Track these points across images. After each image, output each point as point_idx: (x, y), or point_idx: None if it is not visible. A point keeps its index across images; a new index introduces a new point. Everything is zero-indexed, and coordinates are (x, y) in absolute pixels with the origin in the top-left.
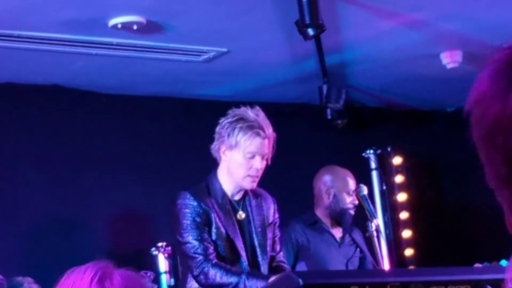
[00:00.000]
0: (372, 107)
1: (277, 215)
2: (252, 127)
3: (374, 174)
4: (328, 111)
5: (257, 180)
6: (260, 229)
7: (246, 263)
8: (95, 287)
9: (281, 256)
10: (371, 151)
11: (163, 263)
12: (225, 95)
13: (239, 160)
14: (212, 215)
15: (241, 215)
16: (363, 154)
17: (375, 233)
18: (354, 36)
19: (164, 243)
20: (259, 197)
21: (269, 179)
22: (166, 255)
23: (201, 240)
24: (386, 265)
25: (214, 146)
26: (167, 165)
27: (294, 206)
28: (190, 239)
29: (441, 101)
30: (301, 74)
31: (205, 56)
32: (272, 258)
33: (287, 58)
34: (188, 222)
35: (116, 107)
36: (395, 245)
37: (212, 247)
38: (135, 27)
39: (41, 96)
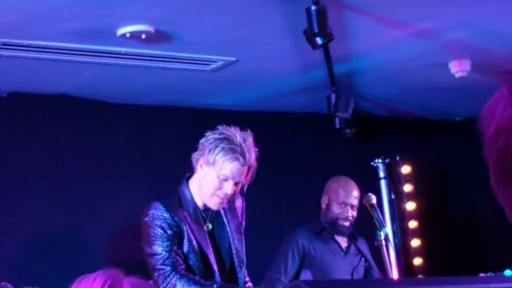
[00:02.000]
0: (381, 116)
1: (244, 215)
2: (234, 151)
3: (383, 183)
4: (337, 120)
5: (225, 202)
6: (237, 236)
7: (219, 277)
8: None
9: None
10: (380, 160)
11: None
12: (233, 104)
13: (212, 178)
14: (184, 227)
15: (208, 226)
16: (372, 163)
17: (383, 242)
18: (362, 45)
19: None
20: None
21: (278, 188)
22: None
23: (170, 251)
24: (394, 274)
25: (194, 156)
26: (175, 175)
27: (302, 215)
28: (160, 250)
29: (450, 110)
30: (310, 83)
31: (214, 65)
32: None
33: (295, 67)
34: (159, 233)
35: (124, 116)
36: (404, 254)
37: (181, 259)
38: (143, 36)
39: (49, 106)
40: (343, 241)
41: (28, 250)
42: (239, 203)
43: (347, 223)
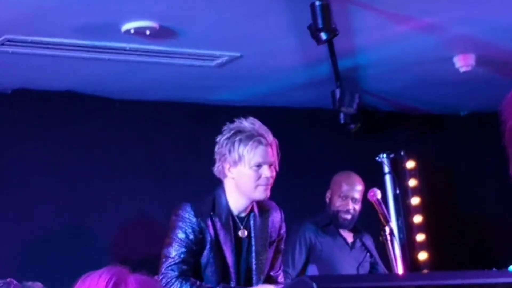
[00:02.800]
0: (385, 111)
1: (283, 230)
2: (252, 137)
3: (388, 178)
4: (341, 115)
5: (269, 188)
6: (260, 249)
7: (235, 284)
8: None
9: (280, 276)
10: (385, 155)
11: None
12: (238, 100)
13: (247, 173)
14: (208, 235)
15: (244, 232)
16: (377, 158)
17: (389, 237)
18: (367, 40)
19: None
20: (265, 213)
21: (283, 184)
22: None
23: (182, 259)
24: (400, 269)
25: (217, 168)
26: (180, 171)
27: (307, 211)
28: (173, 254)
29: (454, 105)
30: (314, 78)
31: (218, 61)
32: (269, 277)
33: (300, 62)
34: (180, 237)
35: (129, 112)
36: (409, 249)
37: (190, 269)
38: (148, 32)
39: (54, 102)
40: (349, 236)
41: (34, 247)
42: (277, 217)
43: (348, 216)
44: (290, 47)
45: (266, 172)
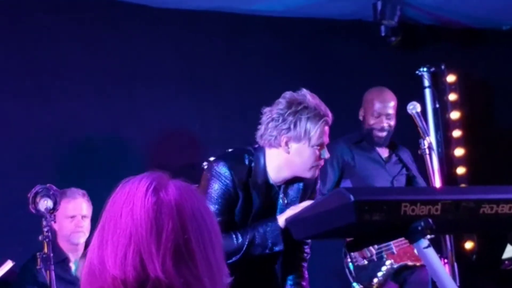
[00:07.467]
0: (427, 25)
1: (317, 186)
2: (320, 116)
3: (427, 92)
4: (382, 28)
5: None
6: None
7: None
8: (150, 197)
9: (307, 247)
10: (425, 69)
11: None
12: (277, 10)
13: (307, 151)
14: (241, 196)
15: (284, 199)
16: (417, 72)
17: (427, 151)
18: None
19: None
20: (301, 181)
21: (321, 97)
22: None
23: (217, 215)
24: (437, 183)
25: (268, 136)
26: (216, 80)
27: (346, 124)
28: None
29: (497, 19)
30: None
31: None
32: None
33: None
34: (213, 194)
35: (166, 20)
36: (447, 163)
37: (223, 226)
38: None
39: (93, 9)
40: (383, 152)
41: (73, 152)
42: (309, 182)
43: (383, 133)
44: None
45: (326, 153)
